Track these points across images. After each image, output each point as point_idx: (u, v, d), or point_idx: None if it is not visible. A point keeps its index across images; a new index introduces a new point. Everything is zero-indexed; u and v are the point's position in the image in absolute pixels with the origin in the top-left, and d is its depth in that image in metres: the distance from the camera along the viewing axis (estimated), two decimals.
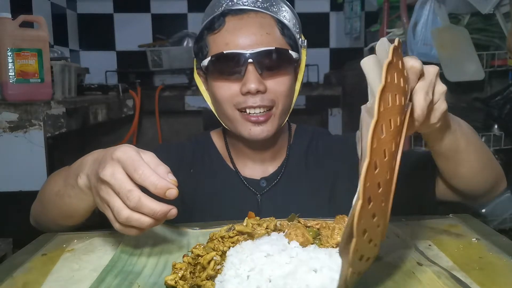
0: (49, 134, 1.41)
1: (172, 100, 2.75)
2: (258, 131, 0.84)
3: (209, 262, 0.53)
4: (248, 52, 0.80)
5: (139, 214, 0.54)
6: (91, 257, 0.63)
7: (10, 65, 1.45)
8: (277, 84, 0.84)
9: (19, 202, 1.40)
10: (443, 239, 0.67)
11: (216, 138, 0.99)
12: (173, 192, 0.54)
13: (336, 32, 3.21)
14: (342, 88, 2.76)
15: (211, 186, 0.92)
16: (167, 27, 3.16)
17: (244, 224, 0.61)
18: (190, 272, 0.54)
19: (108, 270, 0.57)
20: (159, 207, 0.54)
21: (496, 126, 1.91)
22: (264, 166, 0.94)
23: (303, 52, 0.91)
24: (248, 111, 0.83)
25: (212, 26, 0.85)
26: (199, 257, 0.55)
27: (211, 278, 0.52)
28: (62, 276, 0.57)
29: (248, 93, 0.81)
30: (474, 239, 0.66)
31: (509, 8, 1.70)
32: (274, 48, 0.82)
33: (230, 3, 0.86)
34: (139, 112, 2.60)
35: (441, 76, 1.76)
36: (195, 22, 3.20)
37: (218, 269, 0.53)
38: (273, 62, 0.82)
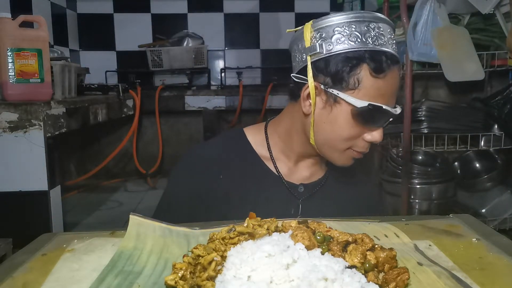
0: (49, 134, 1.42)
1: (172, 100, 2.75)
2: (350, 163, 0.89)
3: (210, 263, 0.53)
4: (396, 111, 0.84)
5: None
6: (91, 257, 0.63)
7: (10, 65, 1.45)
8: None
9: (19, 202, 1.40)
10: (443, 239, 0.67)
11: (252, 137, 0.96)
12: None
13: None
14: None
15: (248, 187, 0.92)
16: (167, 27, 3.16)
17: (245, 225, 0.61)
18: (190, 272, 0.54)
19: (108, 270, 0.57)
20: None
21: (496, 126, 1.91)
22: (304, 172, 0.95)
23: None
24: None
25: (376, 68, 0.80)
26: (200, 257, 0.55)
27: (212, 278, 0.52)
28: (62, 276, 0.57)
29: (373, 142, 0.85)
30: (474, 239, 0.66)
31: (509, 8, 1.70)
32: (402, 107, 0.87)
33: (384, 41, 0.82)
34: (139, 112, 2.60)
35: (441, 76, 1.77)
36: (195, 22, 3.20)
37: (219, 270, 0.53)
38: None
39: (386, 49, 0.81)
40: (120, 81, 2.96)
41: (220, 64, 3.26)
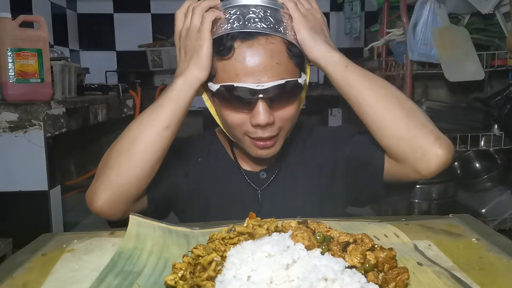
0: (49, 134, 1.42)
1: None
2: (265, 153, 0.88)
3: (210, 263, 0.53)
4: (258, 87, 0.78)
5: None
6: (91, 257, 0.63)
7: (10, 65, 1.45)
8: (285, 113, 0.84)
9: (19, 202, 1.40)
10: (443, 239, 0.67)
11: (220, 135, 1.02)
12: None
13: (336, 32, 3.21)
14: None
15: (214, 179, 0.96)
16: (167, 27, 3.16)
17: (245, 225, 0.61)
18: (190, 272, 0.54)
19: (108, 270, 0.57)
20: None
21: (496, 126, 1.91)
22: (263, 158, 0.95)
23: (307, 65, 0.89)
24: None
25: (219, 51, 0.80)
26: (200, 258, 0.55)
27: (211, 278, 0.52)
28: (62, 276, 0.57)
29: (258, 125, 0.82)
30: (474, 239, 0.66)
31: (509, 8, 1.70)
32: (284, 82, 0.80)
33: (237, 23, 0.80)
34: (139, 112, 2.60)
35: (441, 76, 1.77)
36: None
37: (219, 270, 0.53)
38: (282, 94, 0.81)
39: (237, 30, 0.80)
40: (120, 81, 2.95)
41: None
